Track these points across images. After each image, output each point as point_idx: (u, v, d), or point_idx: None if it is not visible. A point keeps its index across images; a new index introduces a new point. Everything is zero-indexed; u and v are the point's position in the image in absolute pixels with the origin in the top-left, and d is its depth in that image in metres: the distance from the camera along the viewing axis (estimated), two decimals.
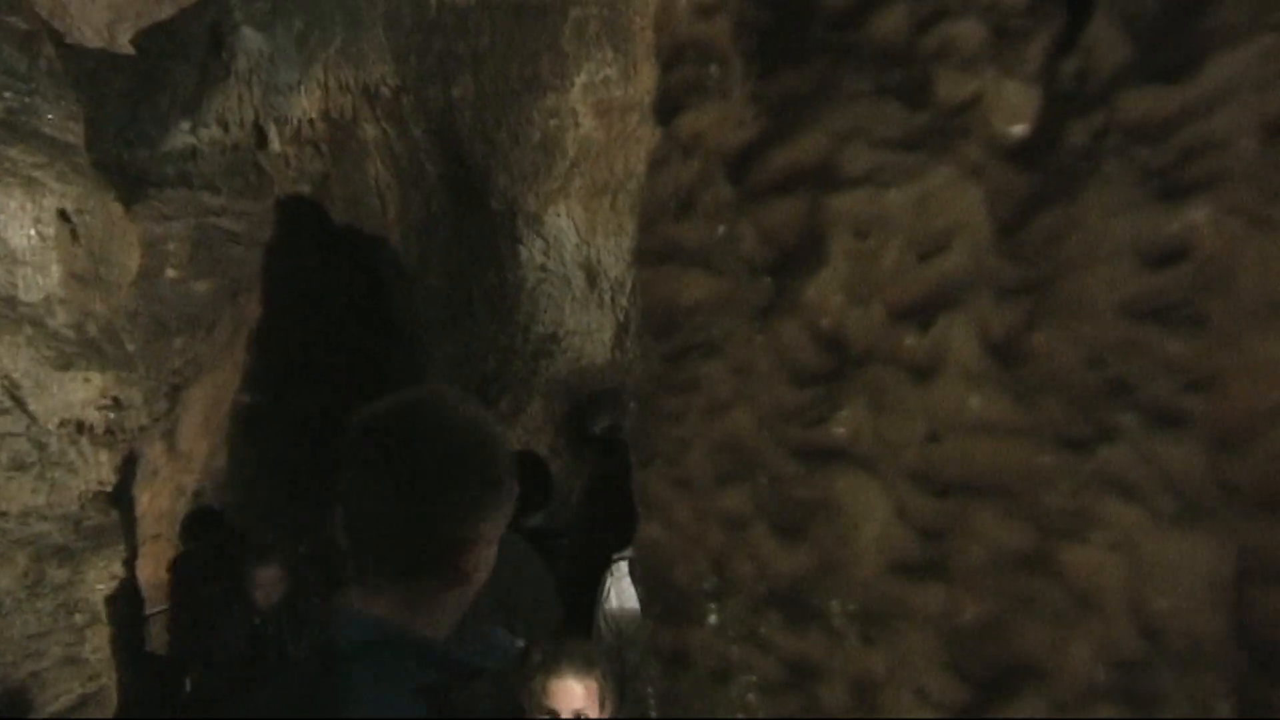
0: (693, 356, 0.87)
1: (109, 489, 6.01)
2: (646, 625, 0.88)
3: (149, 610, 5.92)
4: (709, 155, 0.85)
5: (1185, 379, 0.67)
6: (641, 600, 0.91)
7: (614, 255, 5.65)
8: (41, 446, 5.10)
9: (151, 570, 6.40)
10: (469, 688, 1.15)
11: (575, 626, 3.14)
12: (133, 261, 5.95)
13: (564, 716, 2.11)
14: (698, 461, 0.87)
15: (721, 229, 0.85)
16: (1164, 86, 0.68)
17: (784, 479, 0.83)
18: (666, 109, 0.88)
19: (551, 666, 2.13)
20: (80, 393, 5.30)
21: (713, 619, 0.88)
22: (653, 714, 0.89)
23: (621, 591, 3.06)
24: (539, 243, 5.66)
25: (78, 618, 4.76)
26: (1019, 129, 0.73)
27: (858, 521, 0.80)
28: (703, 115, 0.85)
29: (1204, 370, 0.66)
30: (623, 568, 3.06)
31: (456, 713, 1.12)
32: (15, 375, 4.92)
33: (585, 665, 2.16)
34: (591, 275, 5.67)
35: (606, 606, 3.07)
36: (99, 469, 6.12)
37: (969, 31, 0.74)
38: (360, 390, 7.76)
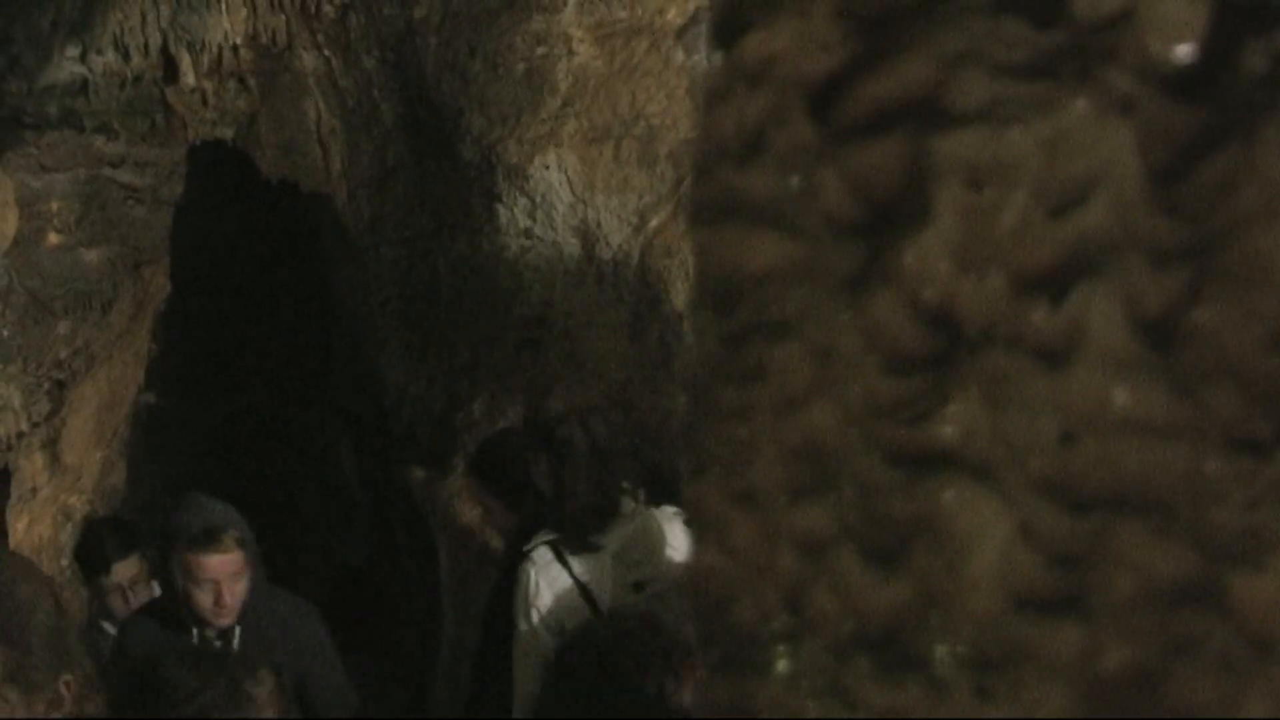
0: (760, 338, 0.88)
1: None
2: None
3: None
4: (783, 86, 0.86)
5: None
6: (695, 642, 0.93)
7: (617, 217, 5.66)
8: None
9: None
10: None
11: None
12: (7, 225, 5.96)
13: None
14: (766, 470, 0.88)
15: (798, 178, 0.86)
16: None
17: (876, 491, 0.84)
18: (728, 28, 0.89)
19: None
20: None
21: (784, 667, 0.89)
22: None
23: (553, 581, 3.41)
24: (523, 202, 5.67)
25: None
26: (1180, 51, 0.74)
27: (970, 544, 0.81)
28: (775, 35, 0.86)
29: None
30: (546, 553, 3.44)
31: None
32: None
33: None
34: (589, 243, 5.68)
35: (537, 602, 3.41)
36: None
37: None
38: (296, 388, 7.80)
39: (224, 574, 3.73)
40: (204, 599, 3.74)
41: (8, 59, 6.21)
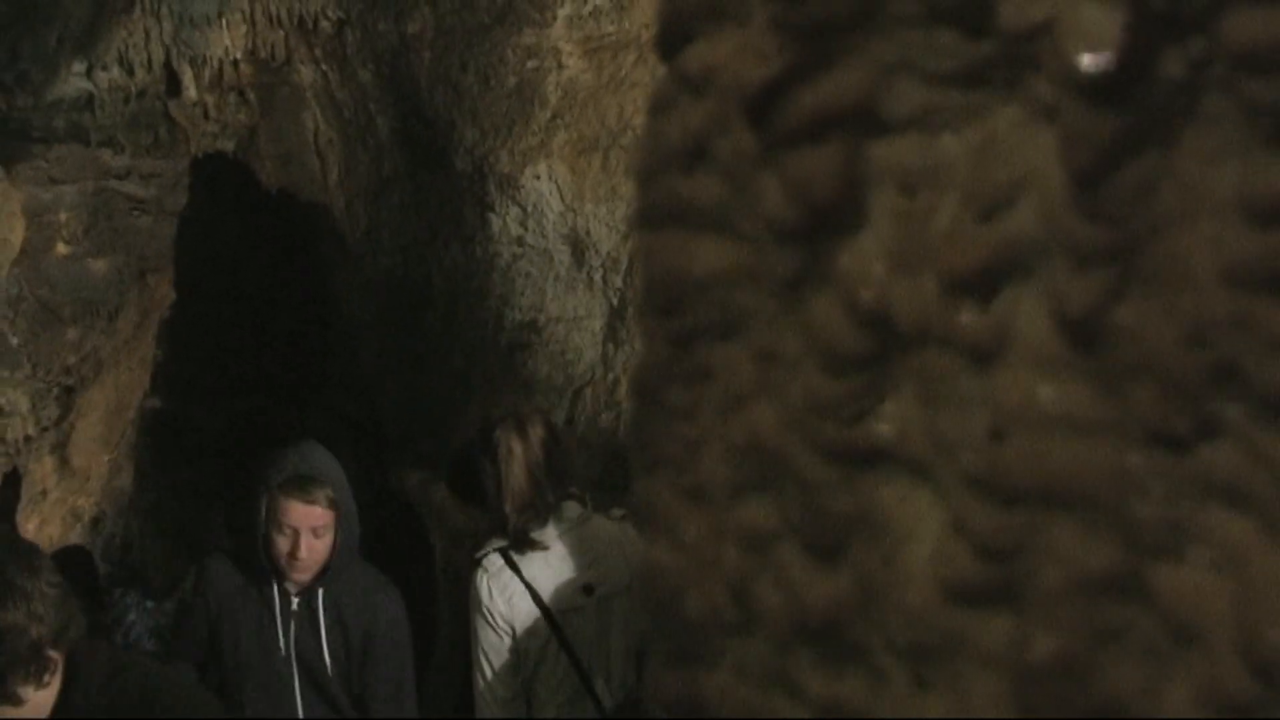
0: (705, 339, 0.88)
1: None
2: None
3: None
4: (724, 95, 0.86)
5: None
6: (646, 635, 0.92)
7: (606, 225, 5.66)
8: None
9: None
10: None
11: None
12: (14, 235, 5.95)
13: None
14: (712, 467, 0.88)
15: (739, 184, 0.86)
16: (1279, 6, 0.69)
17: (816, 487, 0.84)
18: (671, 39, 0.89)
19: None
20: None
21: (731, 658, 0.89)
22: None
23: (504, 586, 3.47)
24: (514, 210, 5.66)
25: None
26: (1100, 60, 0.74)
27: (906, 538, 0.81)
28: (716, 46, 0.86)
29: None
30: (496, 560, 3.49)
31: None
32: None
33: None
34: (578, 250, 5.68)
35: (491, 606, 3.48)
36: None
37: None
38: (296, 392, 7.79)
39: (306, 525, 3.48)
40: (282, 545, 3.50)
41: (16, 75, 6.21)
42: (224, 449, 7.35)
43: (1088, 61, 0.74)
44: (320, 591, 3.60)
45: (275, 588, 3.62)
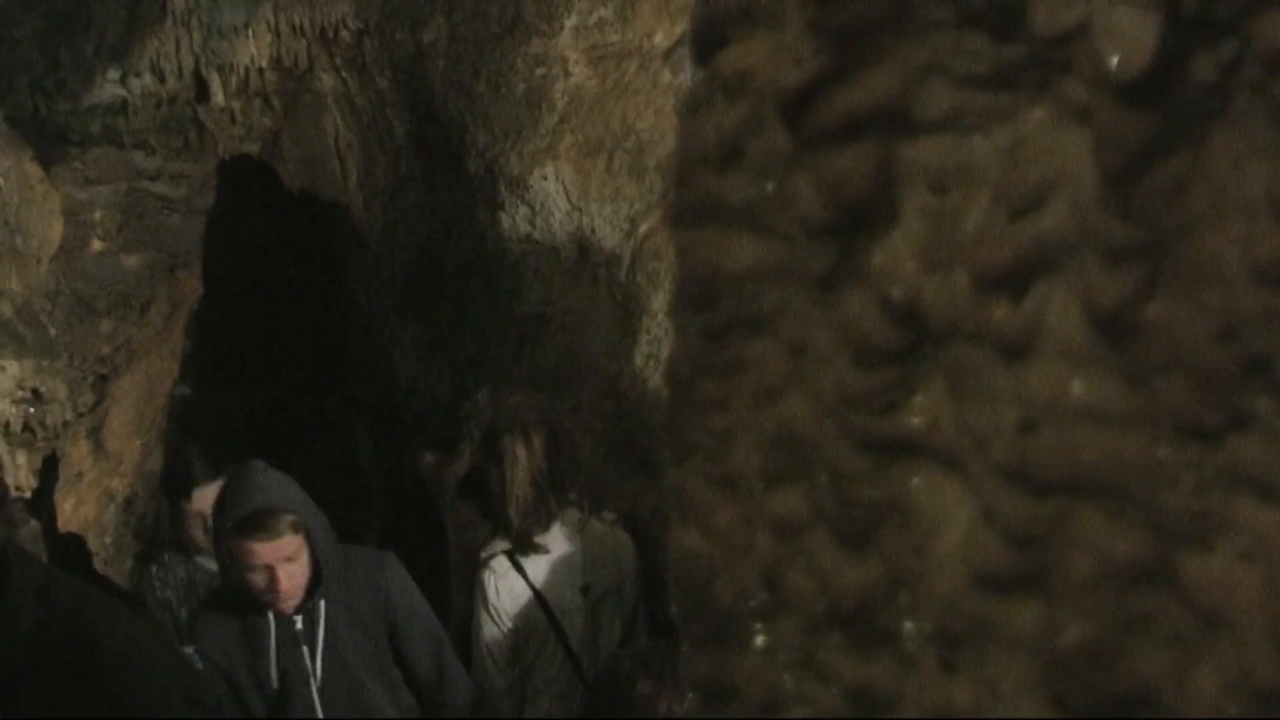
0: (739, 333, 0.85)
1: (27, 495, 6.01)
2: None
3: None
4: (758, 96, 0.83)
5: None
6: (677, 620, 0.90)
7: (609, 224, 5.64)
8: None
9: None
10: None
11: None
12: (53, 232, 5.93)
13: None
14: (744, 457, 0.86)
15: (773, 183, 0.83)
16: None
17: (848, 477, 0.82)
18: (706, 42, 0.86)
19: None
20: None
21: (761, 642, 0.87)
22: None
23: (510, 587, 3.52)
24: (523, 209, 5.64)
25: None
26: (1132, 62, 0.71)
27: (936, 527, 0.79)
28: (751, 49, 0.83)
29: None
30: (503, 562, 3.53)
31: None
32: None
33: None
34: (583, 247, 5.66)
35: (497, 604, 3.52)
36: (15, 472, 6.11)
37: None
38: (317, 380, 7.77)
39: (277, 559, 3.20)
40: (260, 582, 3.22)
41: (54, 82, 6.19)
42: (249, 434, 7.33)
43: (1120, 64, 0.71)
44: (322, 604, 3.36)
45: (272, 618, 3.35)
